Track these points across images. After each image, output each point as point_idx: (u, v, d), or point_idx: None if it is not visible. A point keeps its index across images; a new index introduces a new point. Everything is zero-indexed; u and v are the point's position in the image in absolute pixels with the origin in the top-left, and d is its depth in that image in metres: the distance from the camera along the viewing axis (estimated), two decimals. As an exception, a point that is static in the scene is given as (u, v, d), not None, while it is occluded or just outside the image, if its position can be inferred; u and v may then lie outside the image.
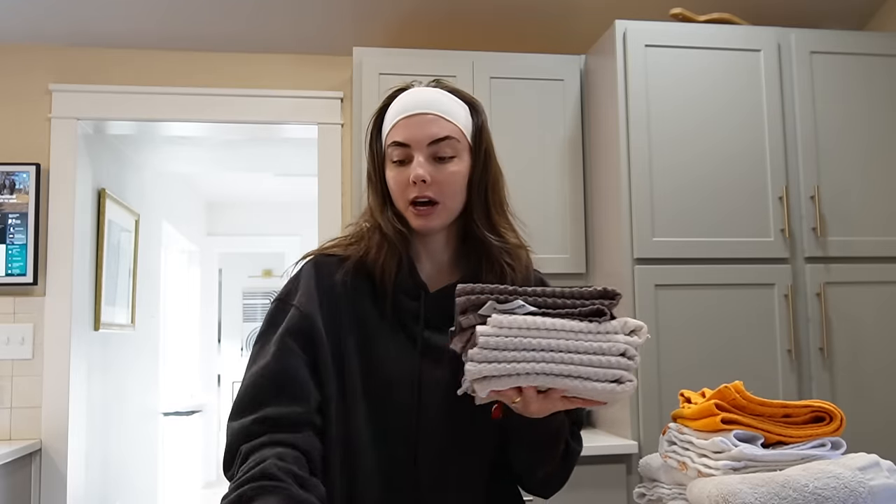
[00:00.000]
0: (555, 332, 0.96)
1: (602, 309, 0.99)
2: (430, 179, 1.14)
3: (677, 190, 2.55)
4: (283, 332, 1.13)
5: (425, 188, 1.14)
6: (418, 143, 1.15)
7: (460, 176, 1.17)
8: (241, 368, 9.13)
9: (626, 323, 1.00)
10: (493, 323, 0.95)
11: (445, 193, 1.16)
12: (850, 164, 2.65)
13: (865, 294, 2.60)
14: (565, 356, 0.95)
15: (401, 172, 1.16)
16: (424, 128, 1.15)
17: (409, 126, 1.15)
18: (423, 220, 1.16)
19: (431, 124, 1.15)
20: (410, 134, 1.15)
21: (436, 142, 1.15)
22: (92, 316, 3.33)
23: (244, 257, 8.78)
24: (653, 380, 2.45)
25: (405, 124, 1.16)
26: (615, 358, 0.97)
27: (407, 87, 1.22)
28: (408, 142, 1.15)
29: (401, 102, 1.19)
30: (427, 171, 1.14)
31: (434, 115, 1.16)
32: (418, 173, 1.13)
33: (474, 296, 0.98)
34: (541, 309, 0.98)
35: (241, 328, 9.31)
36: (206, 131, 3.28)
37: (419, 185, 1.14)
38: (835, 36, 2.73)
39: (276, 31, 3.02)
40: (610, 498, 2.41)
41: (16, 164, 2.92)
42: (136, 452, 4.25)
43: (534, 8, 3.00)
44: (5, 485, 2.63)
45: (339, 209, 3.04)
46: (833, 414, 1.09)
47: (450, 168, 1.16)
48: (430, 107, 1.16)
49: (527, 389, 0.97)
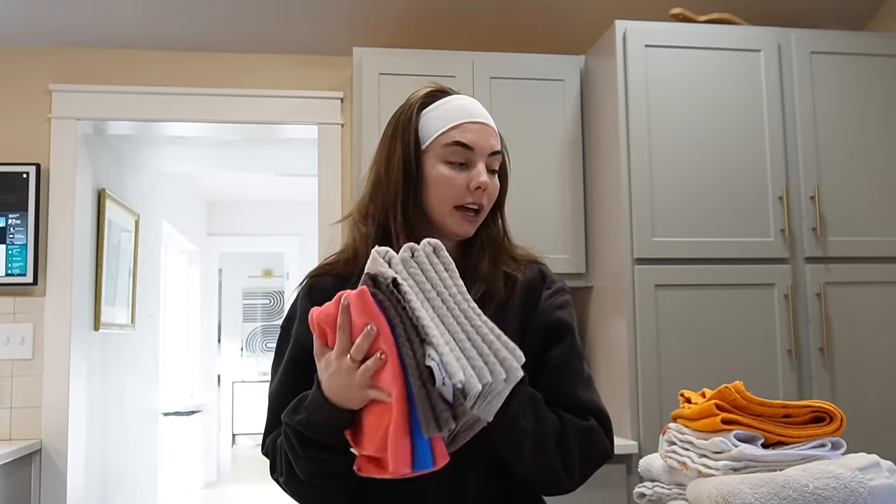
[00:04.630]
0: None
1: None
2: (490, 190, 1.19)
3: (677, 190, 2.55)
4: (286, 364, 1.20)
5: (481, 195, 1.18)
6: (482, 151, 1.18)
7: (497, 189, 1.23)
8: (241, 369, 9.17)
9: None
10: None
11: (489, 204, 1.21)
12: (850, 164, 2.65)
13: (865, 294, 2.60)
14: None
15: (460, 174, 1.18)
16: (488, 138, 1.19)
17: (476, 132, 1.18)
18: (470, 225, 1.20)
19: (492, 136, 1.20)
20: (477, 140, 1.18)
21: (494, 154, 1.20)
22: (92, 316, 3.33)
23: (244, 257, 8.78)
24: (653, 380, 2.45)
25: (472, 129, 1.18)
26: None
27: (445, 89, 1.24)
28: (474, 146, 1.18)
29: (460, 105, 1.21)
30: (490, 180, 1.19)
31: (492, 129, 1.21)
32: (484, 180, 1.17)
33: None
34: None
35: (241, 328, 9.31)
36: (206, 131, 3.28)
37: (477, 192, 1.17)
38: (835, 36, 2.73)
39: (276, 31, 3.02)
40: (610, 498, 2.41)
41: (16, 164, 2.92)
42: (136, 452, 4.25)
43: (534, 8, 3.00)
44: (5, 485, 2.63)
45: (339, 209, 3.04)
46: (833, 414, 1.09)
47: (496, 182, 1.22)
48: (489, 119, 1.22)
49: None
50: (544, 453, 1.10)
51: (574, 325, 1.24)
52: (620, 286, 2.53)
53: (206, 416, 6.42)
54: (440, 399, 0.93)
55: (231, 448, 7.81)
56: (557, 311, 1.23)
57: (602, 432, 1.19)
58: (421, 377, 0.92)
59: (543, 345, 1.20)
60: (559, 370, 1.19)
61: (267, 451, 1.20)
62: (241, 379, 9.12)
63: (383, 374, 0.95)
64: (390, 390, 0.93)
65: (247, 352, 9.34)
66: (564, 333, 1.22)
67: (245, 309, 9.35)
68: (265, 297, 9.39)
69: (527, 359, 1.17)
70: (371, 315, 0.95)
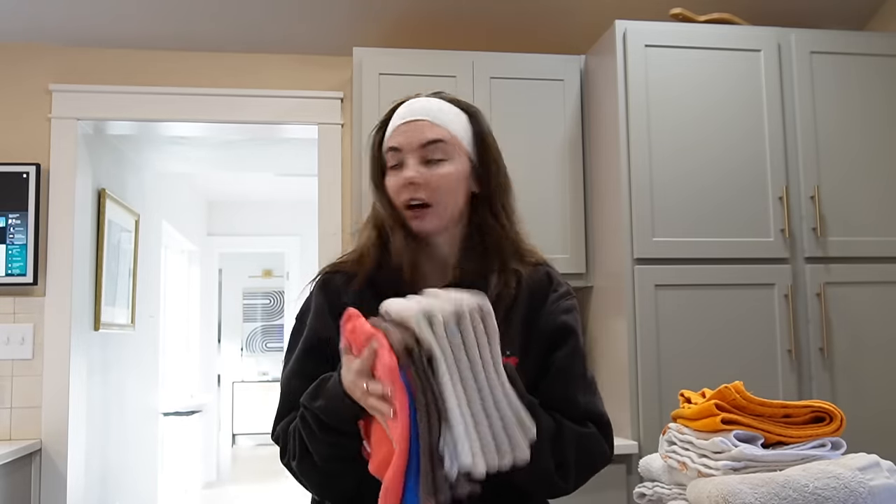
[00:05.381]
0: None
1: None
2: (421, 181, 1.19)
3: (677, 190, 2.55)
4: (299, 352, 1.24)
5: (417, 190, 1.19)
6: (410, 147, 1.21)
7: (452, 178, 1.21)
8: (241, 369, 9.17)
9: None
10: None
11: (438, 195, 1.19)
12: (850, 164, 2.65)
13: (865, 294, 2.60)
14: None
15: (395, 176, 1.22)
16: (416, 132, 1.21)
17: (403, 132, 1.22)
18: (418, 221, 1.20)
19: (423, 129, 1.21)
20: (404, 139, 1.21)
21: (426, 145, 1.20)
22: (92, 316, 3.33)
23: (244, 257, 8.78)
24: (653, 380, 2.45)
25: (400, 131, 1.23)
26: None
27: (407, 98, 1.27)
28: (400, 146, 1.21)
29: (399, 112, 1.25)
30: (417, 173, 1.19)
31: (426, 121, 1.21)
32: (407, 175, 1.19)
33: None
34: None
35: (241, 328, 9.31)
36: (206, 131, 3.28)
37: (410, 187, 1.19)
38: (835, 36, 2.73)
39: (277, 31, 3.02)
40: (610, 498, 2.41)
41: (16, 164, 2.92)
42: (136, 452, 4.25)
43: (534, 8, 3.00)
44: (5, 485, 2.63)
45: (339, 209, 3.04)
46: (833, 414, 1.10)
47: (440, 170, 1.20)
48: (422, 113, 1.22)
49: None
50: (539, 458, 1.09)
51: (578, 329, 1.24)
52: (620, 286, 2.53)
53: (206, 416, 6.42)
54: (444, 478, 0.95)
55: (231, 448, 7.80)
56: (563, 316, 1.23)
57: (601, 438, 1.20)
58: (432, 459, 0.94)
59: (547, 348, 1.21)
60: (560, 374, 1.20)
61: (278, 437, 1.22)
62: (241, 379, 9.12)
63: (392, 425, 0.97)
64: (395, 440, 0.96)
65: (247, 352, 9.34)
66: (568, 337, 1.22)
67: (245, 309, 9.35)
68: (265, 297, 9.39)
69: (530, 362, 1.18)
70: (394, 383, 0.95)
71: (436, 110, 1.23)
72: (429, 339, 0.95)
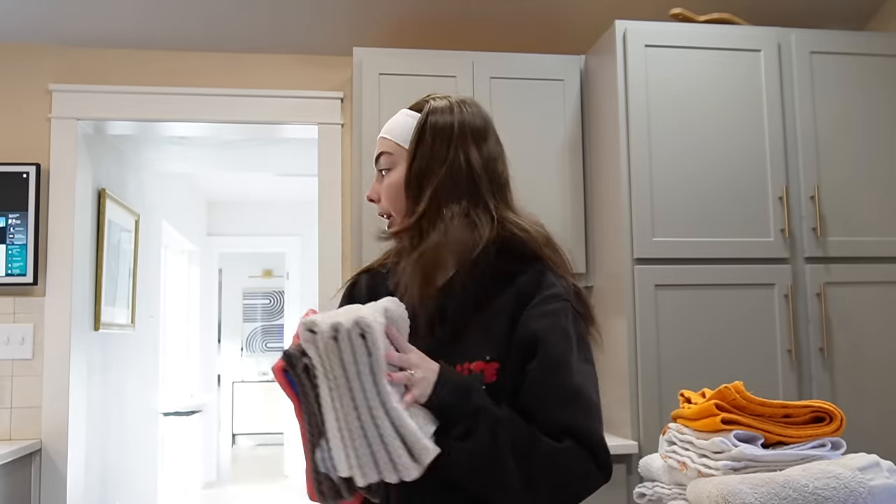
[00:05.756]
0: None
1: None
2: (374, 197, 1.27)
3: (677, 190, 2.55)
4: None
5: (379, 204, 1.27)
6: (376, 167, 1.28)
7: (394, 185, 1.25)
8: (241, 369, 9.16)
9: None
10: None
11: (388, 204, 1.26)
12: (850, 164, 2.65)
13: (865, 294, 2.60)
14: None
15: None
16: (376, 151, 1.28)
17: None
18: (390, 229, 1.27)
19: (378, 146, 1.28)
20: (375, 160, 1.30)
21: (377, 160, 1.27)
22: (92, 316, 3.33)
23: (244, 257, 8.78)
24: (653, 380, 2.45)
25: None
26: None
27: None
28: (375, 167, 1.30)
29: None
30: (372, 190, 1.28)
31: (381, 138, 1.27)
32: (368, 194, 1.29)
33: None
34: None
35: (241, 328, 9.31)
36: (206, 131, 3.28)
37: (373, 203, 1.28)
38: (835, 36, 2.73)
39: (277, 31, 3.02)
40: (610, 498, 2.39)
41: (16, 163, 2.92)
42: (136, 452, 4.25)
43: (534, 8, 3.00)
44: (5, 485, 2.63)
45: (339, 209, 3.04)
46: (833, 414, 1.10)
47: (386, 181, 1.26)
48: (384, 132, 1.27)
49: None
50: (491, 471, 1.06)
51: (554, 336, 1.14)
52: (620, 286, 2.53)
53: (206, 416, 6.42)
54: (326, 478, 1.01)
55: (231, 448, 7.80)
56: (534, 323, 1.14)
57: (581, 454, 1.08)
58: (310, 461, 1.02)
59: (523, 358, 1.13)
60: (531, 387, 1.12)
61: None
62: (241, 379, 9.12)
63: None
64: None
65: (247, 352, 9.34)
66: (536, 347, 1.12)
67: (245, 309, 9.35)
68: (265, 297, 9.38)
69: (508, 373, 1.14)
70: (285, 388, 1.05)
71: (392, 124, 1.27)
72: (310, 351, 1.01)
